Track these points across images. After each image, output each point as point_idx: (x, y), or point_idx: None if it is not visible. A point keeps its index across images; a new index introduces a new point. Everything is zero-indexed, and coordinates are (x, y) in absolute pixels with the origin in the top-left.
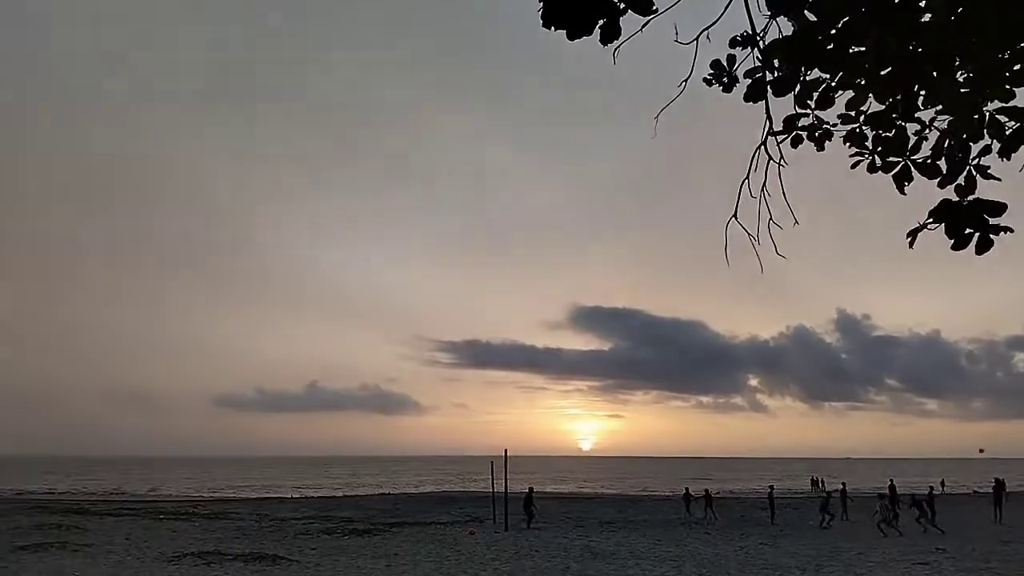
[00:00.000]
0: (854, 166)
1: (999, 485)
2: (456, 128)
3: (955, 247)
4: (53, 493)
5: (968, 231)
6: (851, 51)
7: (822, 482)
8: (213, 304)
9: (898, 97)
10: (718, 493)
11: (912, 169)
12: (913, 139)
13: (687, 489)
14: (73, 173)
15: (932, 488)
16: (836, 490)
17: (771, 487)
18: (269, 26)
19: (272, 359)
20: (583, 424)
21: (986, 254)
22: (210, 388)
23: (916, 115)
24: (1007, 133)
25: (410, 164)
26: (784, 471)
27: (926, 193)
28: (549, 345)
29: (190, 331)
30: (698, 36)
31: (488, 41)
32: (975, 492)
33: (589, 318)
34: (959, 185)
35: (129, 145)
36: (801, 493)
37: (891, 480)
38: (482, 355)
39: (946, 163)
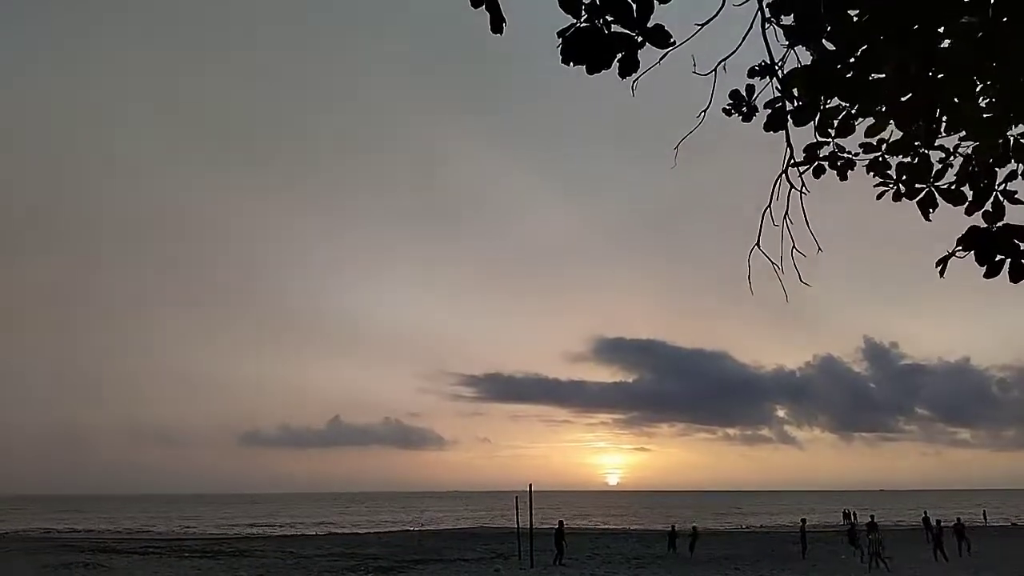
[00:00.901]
0: (879, 196)
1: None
2: (477, 160)
3: (987, 275)
4: (79, 532)
5: (999, 258)
6: (871, 78)
7: (855, 515)
8: (236, 341)
9: (920, 124)
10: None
11: (937, 196)
12: (937, 166)
13: (673, 526)
14: (91, 209)
15: (957, 519)
16: (862, 523)
17: (803, 520)
18: (282, 57)
19: (295, 395)
20: (609, 458)
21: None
22: (234, 425)
23: (938, 142)
24: None
25: (432, 198)
26: (816, 504)
27: (952, 219)
28: (572, 378)
29: (213, 368)
30: (716, 67)
31: (509, 74)
32: (1013, 524)
33: (612, 350)
34: (987, 211)
35: (148, 182)
36: (833, 527)
37: (925, 512)
38: (505, 389)
39: (971, 189)
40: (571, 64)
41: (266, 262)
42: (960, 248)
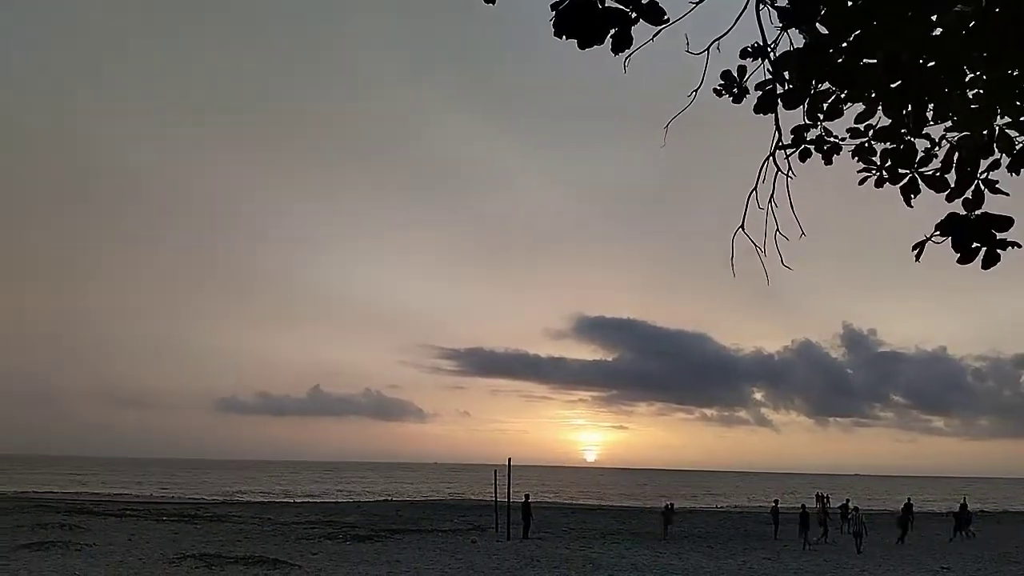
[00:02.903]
0: (862, 182)
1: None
2: (460, 135)
3: (961, 260)
4: (55, 493)
5: (975, 245)
6: (862, 63)
7: (827, 498)
8: (216, 308)
9: (908, 110)
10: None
11: (920, 182)
12: (921, 153)
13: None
14: (74, 174)
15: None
16: (818, 508)
17: (775, 502)
18: (271, 31)
19: (275, 363)
20: (587, 435)
21: (994, 269)
22: (212, 391)
23: (925, 130)
24: (1017, 148)
25: (414, 171)
26: (790, 486)
27: (934, 207)
28: (553, 354)
29: (193, 334)
30: (709, 47)
31: (493, 48)
32: (982, 511)
33: (593, 328)
34: (967, 199)
35: (131, 147)
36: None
37: (908, 499)
38: (485, 363)
39: (956, 175)
40: (563, 38)
41: (249, 231)
42: (938, 233)
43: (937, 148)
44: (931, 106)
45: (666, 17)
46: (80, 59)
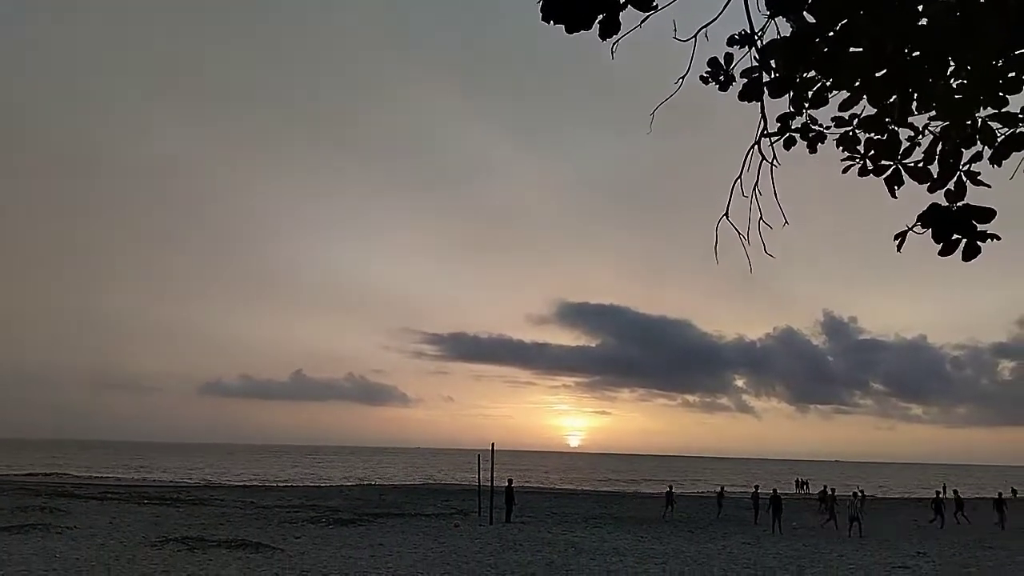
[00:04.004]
0: (845, 170)
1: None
2: (446, 121)
3: (942, 252)
4: (36, 476)
5: (955, 237)
6: (848, 52)
7: (806, 484)
8: (200, 291)
9: (892, 100)
10: (701, 492)
11: (903, 173)
12: (905, 144)
13: (670, 487)
14: (64, 160)
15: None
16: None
17: (756, 487)
18: (268, 25)
19: (258, 347)
20: (570, 420)
21: (974, 260)
22: (196, 374)
23: (909, 120)
24: (999, 140)
25: (399, 157)
26: (770, 472)
27: (917, 197)
28: (536, 340)
29: (176, 317)
30: (696, 34)
31: (481, 33)
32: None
33: (576, 314)
34: (949, 190)
35: (122, 135)
36: (785, 495)
37: (945, 487)
38: (469, 348)
39: (939, 167)
40: (551, 22)
41: (235, 216)
42: (919, 224)
43: (920, 138)
44: (915, 96)
45: (655, 3)
46: (87, 56)
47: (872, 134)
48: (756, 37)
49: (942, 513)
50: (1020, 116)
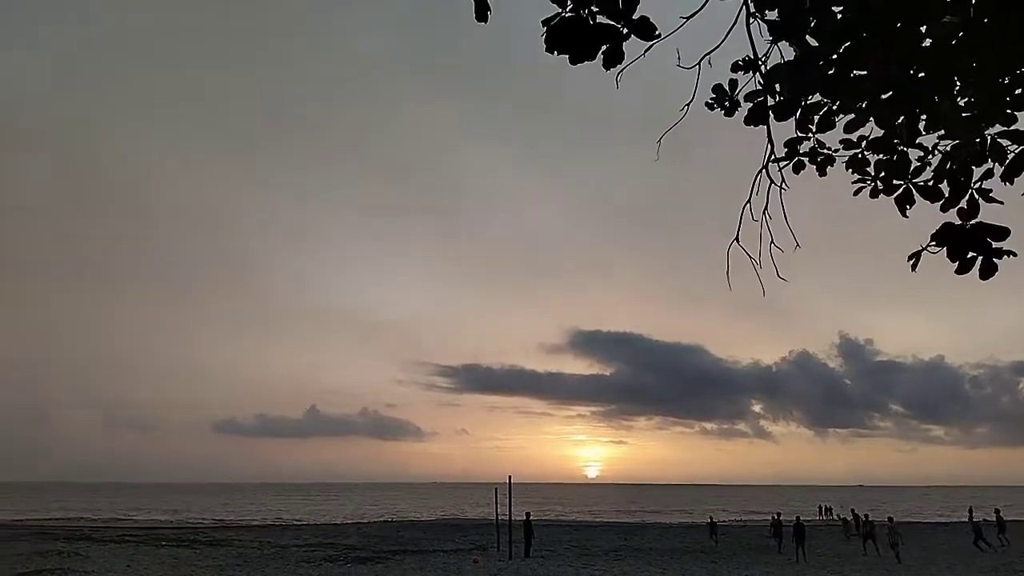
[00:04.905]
0: (856, 192)
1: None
2: (457, 152)
3: (959, 271)
4: (54, 519)
5: (971, 255)
6: (852, 75)
7: (830, 510)
8: (213, 330)
9: (900, 121)
10: (723, 521)
11: (914, 192)
12: (916, 163)
13: (711, 517)
14: (72, 196)
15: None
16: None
17: (778, 515)
18: (275, 53)
19: (271, 385)
20: (587, 450)
21: (989, 279)
22: (210, 414)
23: (918, 140)
24: (1009, 157)
25: (411, 189)
26: (790, 499)
27: (929, 217)
28: (550, 369)
29: (190, 356)
30: (700, 61)
31: (492, 64)
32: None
33: (589, 342)
34: (961, 209)
35: (132, 169)
36: (808, 522)
37: (997, 510)
38: (482, 380)
39: (949, 185)
40: (555, 53)
41: (245, 252)
42: (933, 243)
43: (930, 157)
44: (923, 116)
45: (657, 32)
46: (77, 72)
47: (881, 155)
48: (760, 62)
49: (983, 536)
50: None
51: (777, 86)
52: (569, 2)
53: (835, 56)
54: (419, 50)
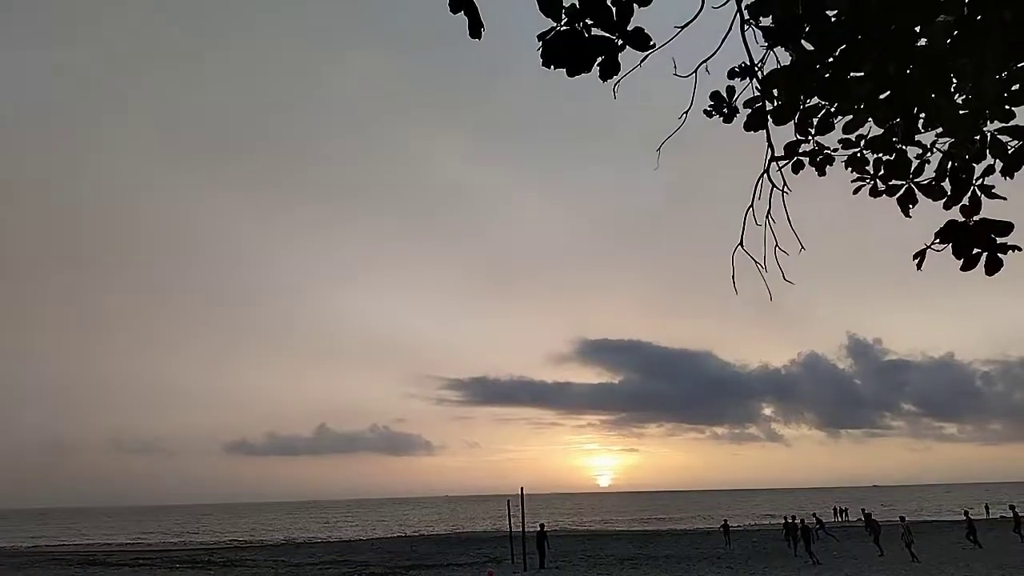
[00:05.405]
0: (856, 191)
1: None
2: (461, 165)
3: (964, 268)
4: (68, 545)
5: (976, 251)
6: (850, 77)
7: (845, 511)
8: (222, 351)
9: (898, 121)
10: (737, 525)
11: (916, 191)
12: (915, 162)
13: (725, 521)
14: (82, 223)
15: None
16: (802, 520)
17: (793, 518)
18: (276, 79)
19: (281, 404)
20: (599, 459)
21: (995, 274)
22: (220, 435)
23: (916, 138)
24: (1009, 152)
25: (414, 206)
26: (807, 501)
27: (933, 215)
28: (558, 379)
29: (199, 378)
30: (696, 68)
31: (492, 78)
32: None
33: (596, 351)
34: (964, 205)
35: (140, 195)
36: (823, 524)
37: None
38: (490, 392)
39: (951, 183)
40: (552, 67)
41: (252, 272)
42: (938, 241)
43: (929, 155)
44: (921, 115)
45: (652, 43)
46: (78, 106)
47: (880, 154)
48: (756, 68)
49: (974, 533)
50: None
51: (775, 91)
52: (564, 15)
53: (831, 59)
54: (422, 73)
